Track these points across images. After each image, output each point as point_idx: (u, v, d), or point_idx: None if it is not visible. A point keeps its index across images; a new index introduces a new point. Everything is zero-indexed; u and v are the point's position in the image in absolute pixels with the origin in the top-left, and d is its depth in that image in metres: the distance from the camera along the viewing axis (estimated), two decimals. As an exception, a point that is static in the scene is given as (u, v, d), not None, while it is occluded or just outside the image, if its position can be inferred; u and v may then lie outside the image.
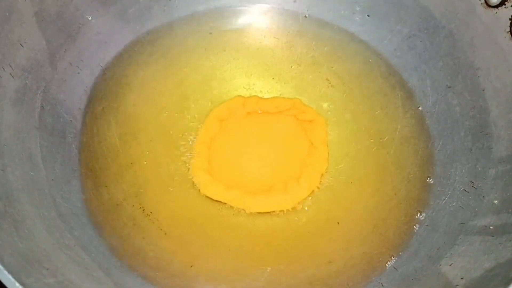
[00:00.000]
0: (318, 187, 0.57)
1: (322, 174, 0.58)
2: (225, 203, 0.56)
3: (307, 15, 0.67)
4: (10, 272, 0.39)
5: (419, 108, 0.62)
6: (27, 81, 0.53)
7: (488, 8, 0.55)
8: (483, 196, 0.52)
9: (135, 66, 0.63)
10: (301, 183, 0.57)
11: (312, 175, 0.57)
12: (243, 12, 0.68)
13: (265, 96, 0.63)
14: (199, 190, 0.57)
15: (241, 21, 0.68)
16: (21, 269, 0.40)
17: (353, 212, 0.56)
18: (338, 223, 0.55)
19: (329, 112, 0.62)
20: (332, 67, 0.65)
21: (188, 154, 0.59)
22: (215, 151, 0.59)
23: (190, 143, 0.59)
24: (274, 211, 0.56)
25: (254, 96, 0.62)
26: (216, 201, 0.56)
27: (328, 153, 0.59)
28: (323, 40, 0.67)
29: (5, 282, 0.38)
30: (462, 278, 0.46)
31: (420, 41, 0.63)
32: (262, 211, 0.55)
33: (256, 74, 0.64)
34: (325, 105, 0.63)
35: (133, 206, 0.55)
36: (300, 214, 0.56)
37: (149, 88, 0.62)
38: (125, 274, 0.51)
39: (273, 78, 0.64)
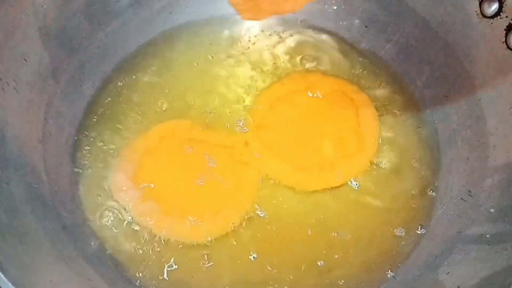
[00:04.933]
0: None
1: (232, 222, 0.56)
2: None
3: (306, 26, 0.69)
4: (14, 284, 0.39)
5: (416, 117, 0.62)
6: (30, 95, 0.53)
7: (484, 18, 0.55)
8: (480, 205, 0.53)
9: (136, 78, 0.64)
10: (215, 220, 0.55)
11: (223, 218, 0.55)
12: (243, 23, 0.69)
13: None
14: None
15: (242, 32, 0.69)
16: (26, 282, 0.41)
17: (351, 220, 0.56)
18: (337, 231, 0.56)
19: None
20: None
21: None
22: (144, 165, 0.57)
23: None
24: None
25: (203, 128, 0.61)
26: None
27: (250, 201, 0.56)
28: (322, 50, 0.67)
29: (10, 294, 0.39)
30: (459, 287, 0.47)
31: (417, 51, 0.64)
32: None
33: (256, 85, 0.65)
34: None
35: (131, 218, 0.55)
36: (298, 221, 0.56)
37: (151, 100, 0.62)
38: (128, 285, 0.51)
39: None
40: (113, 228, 0.54)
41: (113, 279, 0.51)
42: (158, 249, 0.54)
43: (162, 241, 0.54)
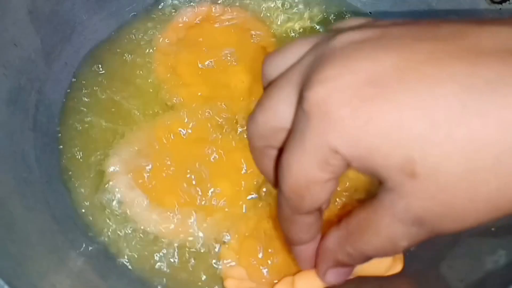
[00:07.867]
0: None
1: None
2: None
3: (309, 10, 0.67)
4: (0, 275, 0.38)
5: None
6: (21, 82, 0.52)
7: (492, 4, 0.54)
8: (486, 195, 0.51)
9: (131, 62, 0.62)
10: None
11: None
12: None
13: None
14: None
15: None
16: (12, 273, 0.40)
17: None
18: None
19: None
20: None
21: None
22: (140, 158, 0.55)
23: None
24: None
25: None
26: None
27: None
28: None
29: (-5, 286, 0.38)
30: (461, 281, 0.46)
31: (422, 38, 0.62)
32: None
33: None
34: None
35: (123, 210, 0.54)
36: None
37: (147, 85, 0.61)
38: (119, 276, 0.50)
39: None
40: (105, 219, 0.53)
41: (105, 272, 0.50)
42: (151, 239, 0.52)
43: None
